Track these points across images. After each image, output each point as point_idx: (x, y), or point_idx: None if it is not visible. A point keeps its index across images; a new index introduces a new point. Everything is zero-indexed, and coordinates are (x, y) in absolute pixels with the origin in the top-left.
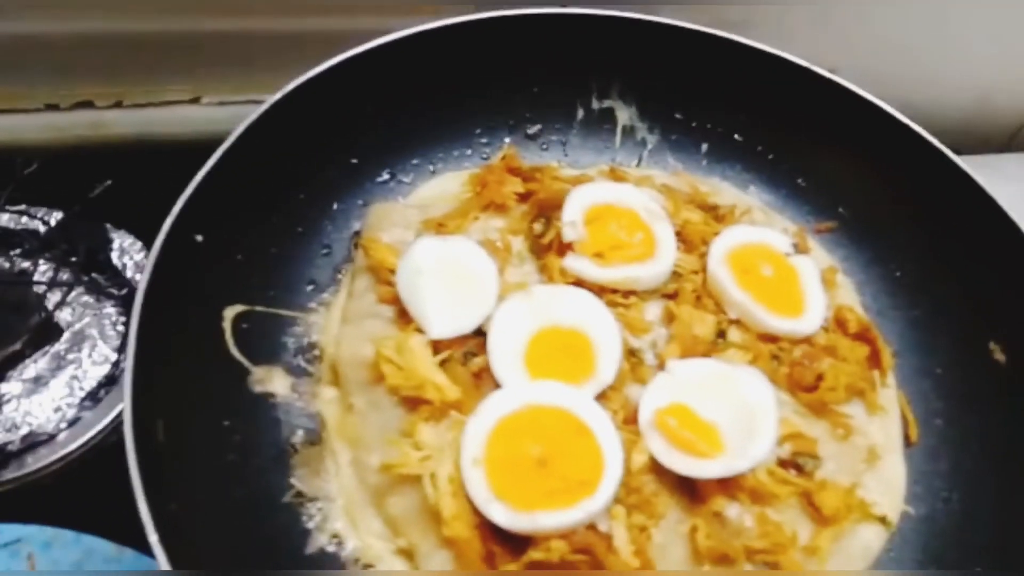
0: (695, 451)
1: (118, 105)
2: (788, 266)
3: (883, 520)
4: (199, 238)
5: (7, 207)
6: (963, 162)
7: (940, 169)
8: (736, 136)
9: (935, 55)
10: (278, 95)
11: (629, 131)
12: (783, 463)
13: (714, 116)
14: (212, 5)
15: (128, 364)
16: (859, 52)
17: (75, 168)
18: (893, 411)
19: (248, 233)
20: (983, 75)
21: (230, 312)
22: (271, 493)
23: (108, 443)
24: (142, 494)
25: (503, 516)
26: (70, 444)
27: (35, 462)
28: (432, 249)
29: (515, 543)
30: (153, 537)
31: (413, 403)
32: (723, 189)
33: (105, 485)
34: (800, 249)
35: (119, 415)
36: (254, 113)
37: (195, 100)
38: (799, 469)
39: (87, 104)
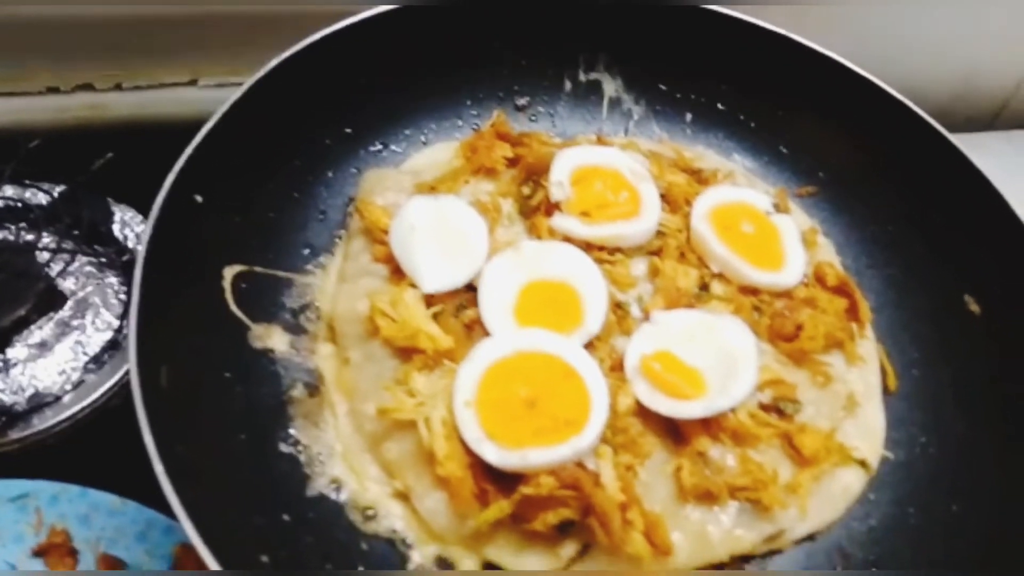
0: (679, 393)
1: (118, 87)
2: (769, 224)
3: (863, 464)
4: (199, 198)
5: (10, 181)
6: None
7: (915, 131)
8: (719, 105)
9: (919, 34)
10: (276, 61)
11: (615, 102)
12: (764, 407)
13: (697, 86)
14: None
15: (133, 313)
16: (843, 31)
17: (77, 144)
18: (872, 361)
19: (246, 197)
20: (967, 54)
21: (229, 272)
22: (272, 440)
23: (111, 405)
24: (148, 433)
25: (494, 454)
26: (75, 405)
27: (41, 422)
28: (424, 208)
29: (506, 481)
30: (159, 467)
31: (407, 353)
32: (707, 155)
33: (109, 444)
34: (780, 208)
35: (122, 378)
36: (253, 77)
37: (192, 82)
38: (780, 413)
39: (87, 87)
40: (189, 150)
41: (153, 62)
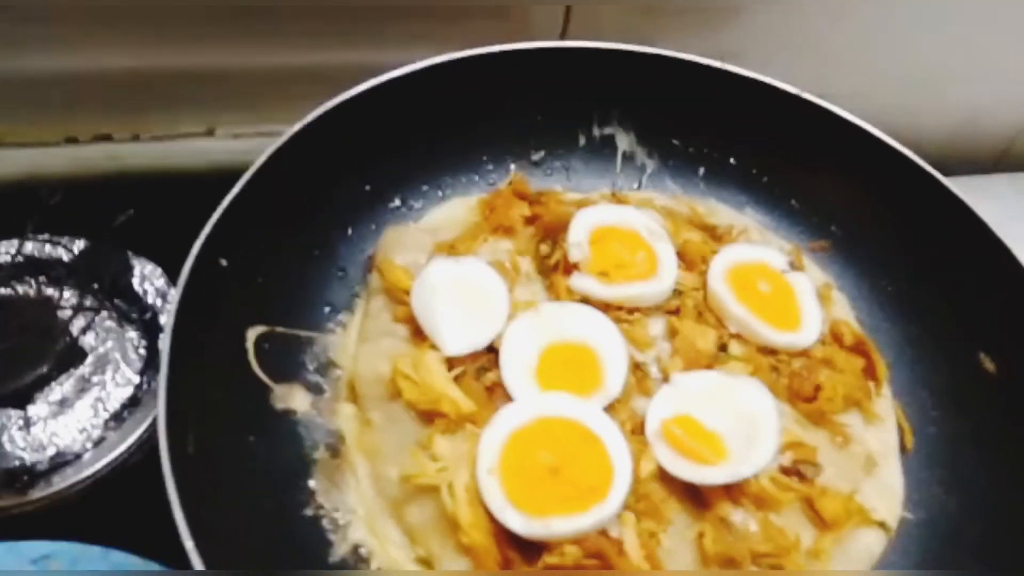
0: (700, 459)
1: (135, 138)
2: (785, 282)
3: (882, 525)
4: (223, 262)
5: (32, 236)
6: (950, 182)
7: (927, 189)
8: (731, 160)
9: (922, 77)
10: (296, 127)
11: (629, 156)
12: (785, 470)
13: (710, 141)
14: (225, 41)
15: (161, 386)
16: (847, 76)
17: (97, 198)
18: (889, 420)
19: (268, 257)
20: (969, 96)
21: (252, 333)
22: (295, 505)
23: (132, 462)
24: (177, 502)
25: (518, 523)
26: (95, 463)
27: (62, 481)
28: (445, 269)
29: (530, 549)
30: (189, 543)
31: (429, 416)
32: (720, 210)
33: (130, 501)
34: (796, 266)
35: (142, 435)
36: (274, 143)
37: (210, 133)
38: (800, 476)
39: (106, 137)
40: (216, 215)
41: (171, 113)
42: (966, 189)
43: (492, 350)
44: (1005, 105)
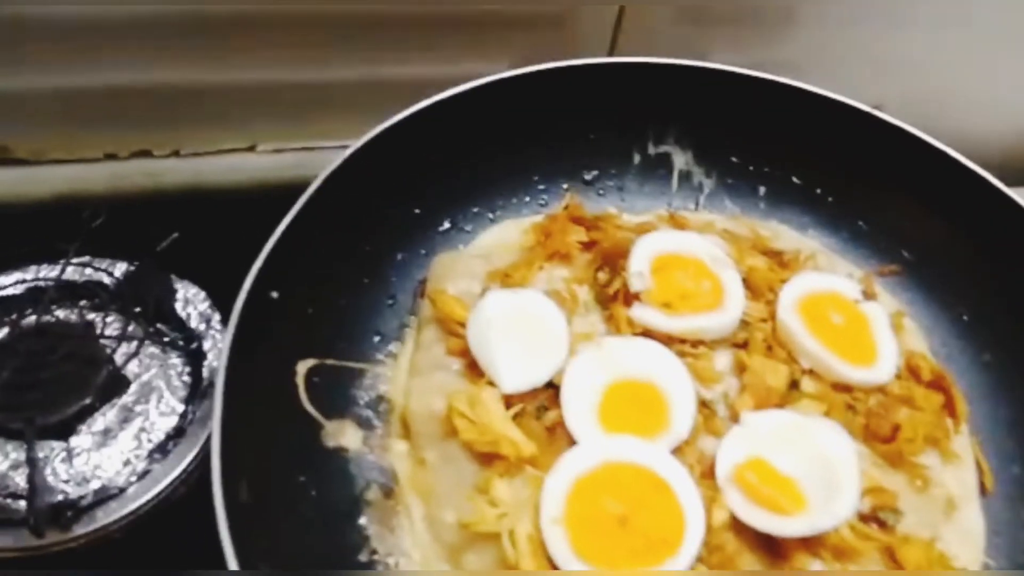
0: (777, 508)
1: (175, 154)
2: (858, 313)
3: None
4: (274, 295)
5: (72, 260)
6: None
7: (1000, 208)
8: (794, 179)
9: (977, 85)
10: (346, 152)
11: (686, 176)
12: (864, 517)
13: (770, 159)
14: (265, 55)
15: (215, 427)
16: (903, 86)
17: (137, 219)
18: (967, 459)
19: (319, 286)
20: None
21: (302, 367)
22: (348, 548)
23: (177, 495)
24: (232, 553)
25: None
26: (140, 498)
27: (106, 516)
28: (502, 301)
29: None
30: None
31: (487, 458)
32: (783, 233)
33: (175, 538)
34: (868, 295)
35: (188, 467)
36: (325, 171)
37: (251, 148)
38: (880, 523)
39: (145, 153)
40: (267, 248)
41: (210, 128)
42: None
43: (552, 386)
44: None
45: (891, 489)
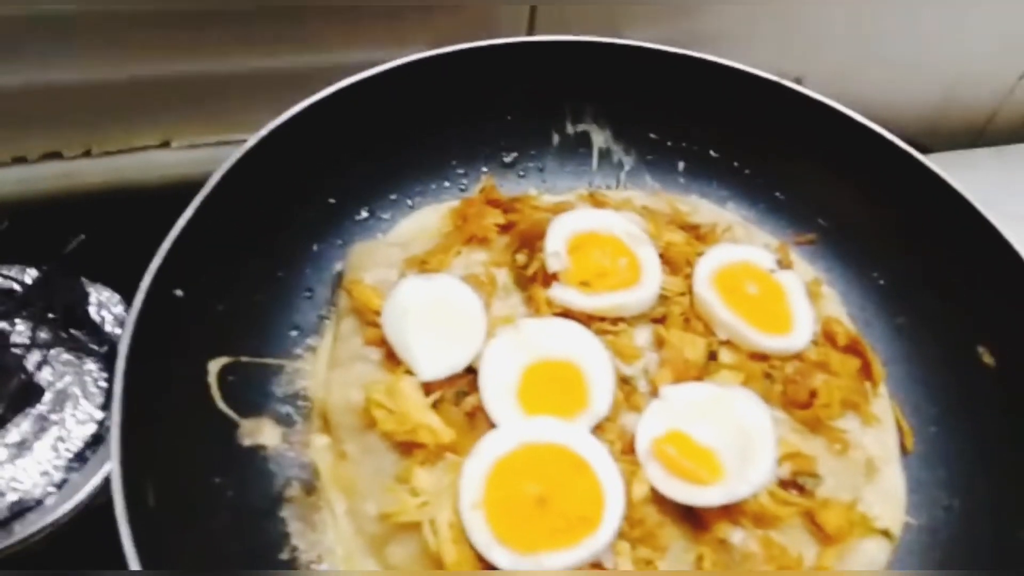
0: (695, 478)
1: (87, 154)
2: (773, 283)
3: (886, 533)
4: (179, 293)
5: None
6: (933, 161)
7: (914, 174)
8: (712, 153)
9: (898, 54)
10: (251, 141)
11: (605, 154)
12: (783, 483)
13: (688, 134)
14: (178, 48)
15: (114, 431)
16: (824, 58)
17: (46, 223)
18: (887, 421)
19: (228, 282)
20: (947, 71)
21: (215, 365)
22: (268, 548)
23: (96, 504)
24: (136, 559)
25: (506, 560)
26: (59, 508)
27: (23, 529)
28: (417, 289)
29: None
30: None
31: (407, 447)
32: (702, 207)
33: (96, 548)
34: (784, 264)
35: (107, 475)
36: (228, 160)
37: (165, 144)
38: (800, 488)
39: (55, 155)
40: (167, 244)
41: (123, 126)
42: (948, 166)
43: (471, 371)
44: (981, 79)
45: (810, 454)
